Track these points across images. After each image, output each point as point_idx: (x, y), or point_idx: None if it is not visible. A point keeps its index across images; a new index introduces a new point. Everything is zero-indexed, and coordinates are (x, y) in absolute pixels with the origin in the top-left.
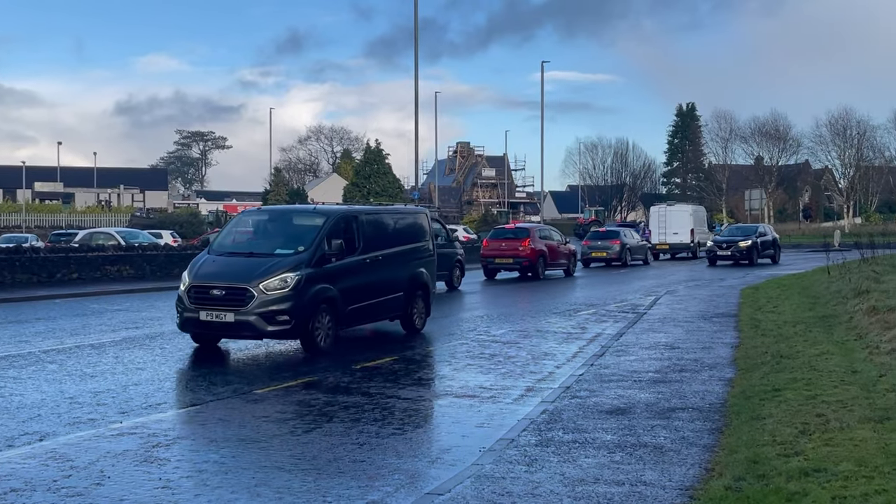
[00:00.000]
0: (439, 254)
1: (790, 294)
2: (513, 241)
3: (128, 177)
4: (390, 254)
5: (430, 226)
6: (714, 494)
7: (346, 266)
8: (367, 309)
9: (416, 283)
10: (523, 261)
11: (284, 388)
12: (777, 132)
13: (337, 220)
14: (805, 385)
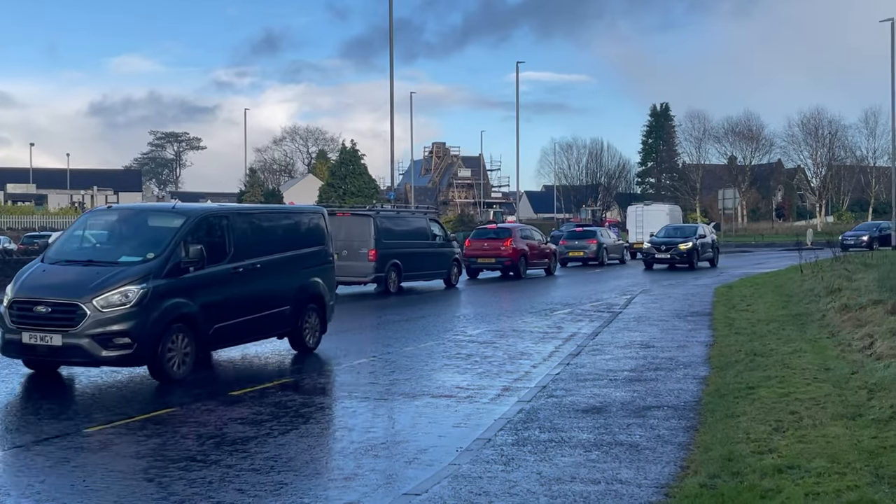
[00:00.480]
0: (438, 253)
1: (764, 293)
2: (495, 241)
3: (101, 178)
4: (273, 261)
5: (328, 227)
6: (689, 492)
7: (210, 276)
8: (239, 327)
9: (307, 295)
10: (505, 260)
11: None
12: (750, 132)
13: (199, 221)
14: (778, 383)
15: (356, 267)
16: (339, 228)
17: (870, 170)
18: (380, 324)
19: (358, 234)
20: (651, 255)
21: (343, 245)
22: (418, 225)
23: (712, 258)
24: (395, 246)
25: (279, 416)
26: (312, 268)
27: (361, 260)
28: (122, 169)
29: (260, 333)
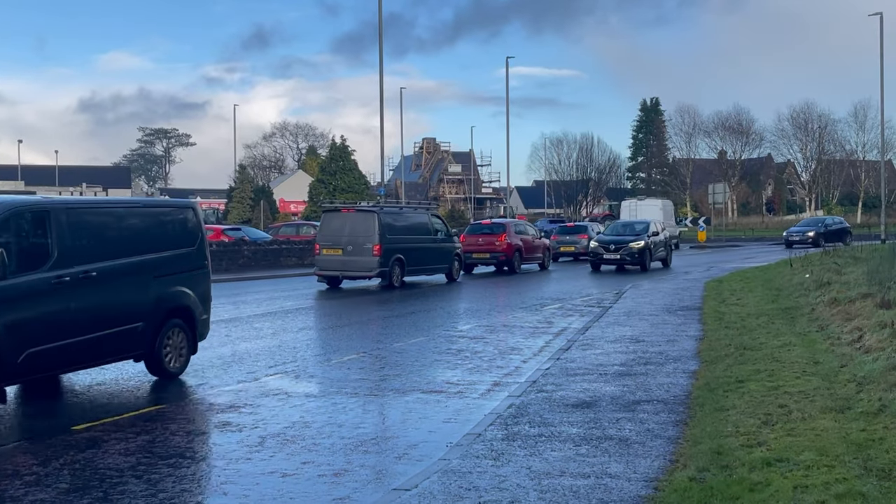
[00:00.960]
0: (440, 248)
1: (753, 287)
2: (489, 236)
3: (90, 175)
4: (116, 267)
5: (202, 225)
6: (678, 486)
7: (16, 288)
8: (64, 351)
9: (169, 308)
10: (500, 255)
11: None
12: (740, 126)
13: (6, 217)
14: (768, 376)
15: (361, 262)
16: (343, 224)
17: (859, 164)
18: (371, 319)
19: (362, 229)
20: (598, 256)
21: (348, 240)
22: (420, 220)
23: (665, 257)
24: (398, 241)
25: (268, 409)
26: (177, 275)
27: (366, 255)
28: (111, 166)
29: (97, 358)
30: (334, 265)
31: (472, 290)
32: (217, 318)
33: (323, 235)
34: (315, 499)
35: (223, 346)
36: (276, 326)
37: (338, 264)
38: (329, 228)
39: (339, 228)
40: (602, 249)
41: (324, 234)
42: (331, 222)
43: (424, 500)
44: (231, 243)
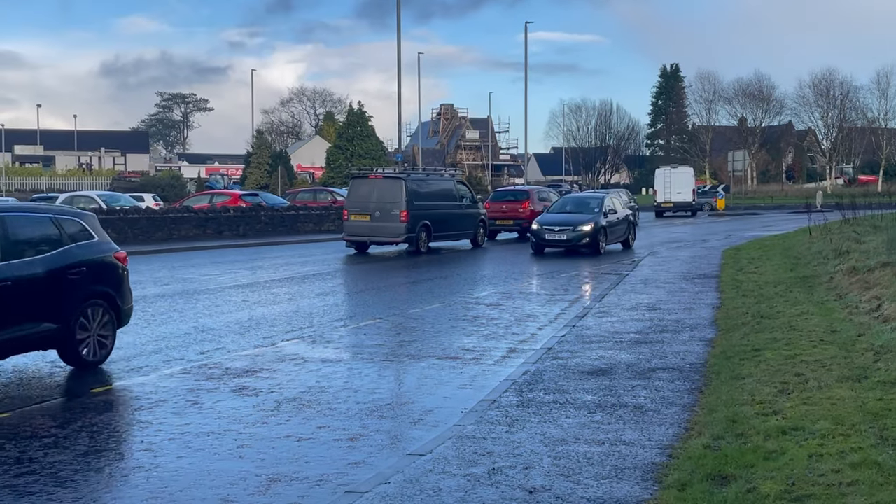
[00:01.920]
0: (466, 214)
1: (772, 255)
2: (513, 203)
3: (109, 140)
4: None
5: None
6: (693, 453)
7: None
8: None
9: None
10: (524, 222)
11: None
12: (761, 93)
13: None
14: (785, 345)
15: (388, 228)
16: (371, 191)
17: (881, 131)
18: (389, 286)
19: (390, 196)
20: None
21: (375, 207)
22: (446, 187)
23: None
24: (425, 207)
25: (284, 374)
26: None
27: (393, 221)
28: (129, 130)
29: None
30: (362, 231)
31: (494, 256)
32: (235, 284)
33: (351, 202)
34: (331, 463)
35: (240, 311)
36: (292, 292)
37: (366, 230)
38: (357, 195)
39: (366, 195)
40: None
41: (352, 200)
42: (359, 188)
43: (439, 466)
44: (249, 209)
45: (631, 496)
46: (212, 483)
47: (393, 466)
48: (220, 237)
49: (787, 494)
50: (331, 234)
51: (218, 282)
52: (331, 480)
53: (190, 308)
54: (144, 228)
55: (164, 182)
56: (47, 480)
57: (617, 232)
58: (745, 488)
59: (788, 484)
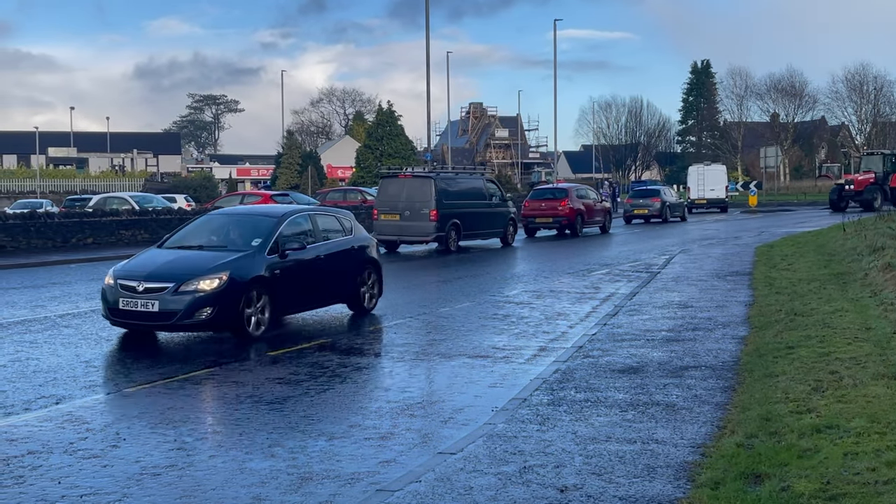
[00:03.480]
0: (495, 213)
1: (805, 252)
2: (552, 200)
3: (141, 141)
4: None
5: None
6: (726, 452)
7: None
8: None
9: None
10: (563, 220)
11: (298, 350)
12: (793, 88)
13: None
14: (819, 342)
15: (418, 227)
16: (400, 190)
17: None
18: (419, 284)
19: (419, 195)
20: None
21: (405, 206)
22: (476, 185)
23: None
24: (454, 206)
25: (316, 375)
26: None
27: (423, 220)
28: (161, 132)
29: None
30: (392, 230)
31: (525, 254)
32: None
33: (381, 201)
34: (362, 461)
35: None
36: None
37: (395, 229)
38: (387, 194)
39: (396, 194)
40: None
41: (382, 199)
42: (388, 188)
43: (470, 464)
44: None
45: (663, 495)
46: (244, 482)
47: (424, 465)
48: None
49: (822, 493)
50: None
51: None
52: (362, 479)
53: None
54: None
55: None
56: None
57: None
58: (780, 487)
59: (823, 482)
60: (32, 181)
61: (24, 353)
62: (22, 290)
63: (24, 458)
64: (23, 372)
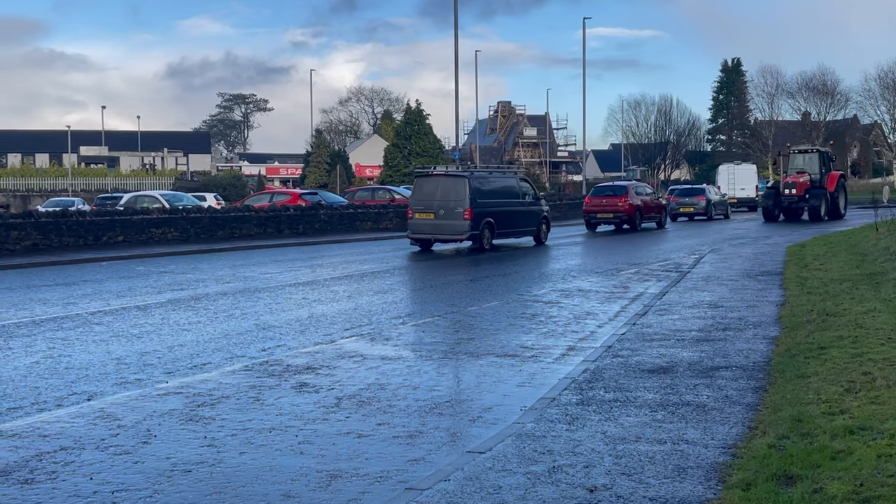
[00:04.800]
0: (529, 211)
1: (837, 251)
2: (612, 197)
3: (171, 140)
4: None
5: None
6: (757, 453)
7: None
8: None
9: None
10: (623, 215)
11: None
12: (825, 87)
13: None
14: (851, 343)
15: (453, 225)
16: (435, 189)
17: None
18: (447, 283)
19: (453, 194)
20: None
21: (440, 205)
22: (509, 184)
23: None
24: (488, 205)
25: (344, 371)
26: None
27: (457, 219)
28: (191, 131)
29: None
30: (427, 229)
31: (557, 253)
32: (295, 282)
33: (415, 200)
34: (391, 460)
35: (300, 308)
36: (351, 289)
37: (430, 228)
38: (421, 193)
39: (430, 193)
40: None
41: (416, 198)
42: (423, 187)
43: (499, 463)
44: (308, 207)
45: (694, 496)
46: (273, 478)
47: (453, 464)
48: (280, 236)
49: (856, 495)
50: (389, 232)
51: (278, 280)
52: (391, 477)
53: (251, 306)
54: (206, 227)
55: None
56: None
57: None
58: (812, 489)
59: (856, 485)
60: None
61: (56, 350)
62: (54, 288)
63: (56, 454)
64: (55, 368)
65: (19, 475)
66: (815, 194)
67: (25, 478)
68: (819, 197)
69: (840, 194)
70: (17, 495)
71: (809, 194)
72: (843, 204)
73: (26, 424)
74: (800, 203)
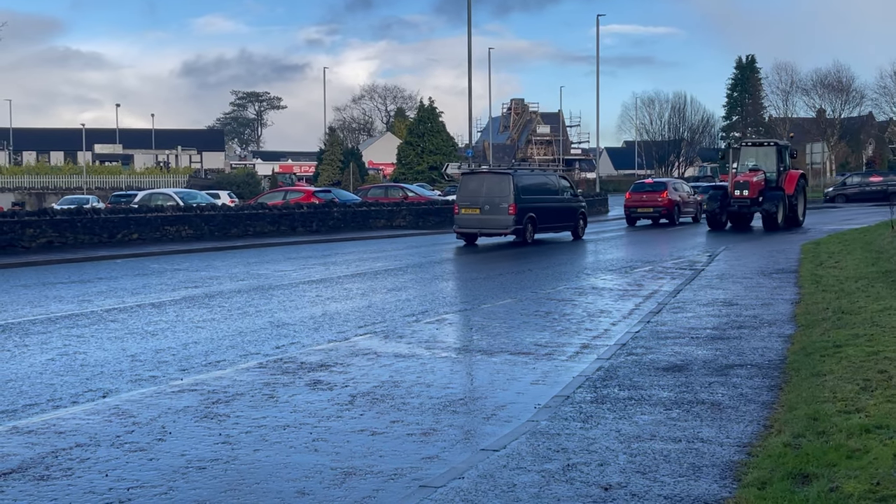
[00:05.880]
0: (568, 207)
1: (852, 249)
2: (652, 193)
3: (185, 138)
4: None
5: None
6: (773, 451)
7: None
8: None
9: None
10: (662, 210)
11: None
12: (840, 84)
13: None
14: (867, 341)
15: (498, 220)
16: (480, 186)
17: None
18: (463, 281)
19: (498, 190)
20: None
21: (485, 201)
22: (549, 181)
23: None
24: (530, 201)
25: (358, 368)
26: None
27: (502, 214)
28: (204, 129)
29: None
30: (472, 223)
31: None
32: (308, 279)
33: (461, 196)
34: (404, 457)
35: (314, 305)
36: (365, 287)
37: (476, 223)
38: (467, 190)
39: (476, 189)
40: None
41: (462, 195)
42: (468, 184)
43: (513, 461)
44: (321, 205)
45: (709, 494)
46: (288, 476)
47: (467, 461)
48: (293, 233)
49: (872, 494)
50: (402, 229)
51: (292, 277)
52: (405, 474)
53: (265, 303)
54: (220, 225)
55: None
56: None
57: None
58: (828, 487)
59: (873, 483)
60: (79, 177)
61: (71, 347)
62: (69, 285)
63: (72, 451)
64: (70, 366)
65: (35, 471)
66: (771, 197)
67: (41, 474)
68: (775, 200)
69: (799, 198)
70: (33, 491)
71: (764, 197)
72: (801, 209)
73: (42, 421)
74: (752, 207)
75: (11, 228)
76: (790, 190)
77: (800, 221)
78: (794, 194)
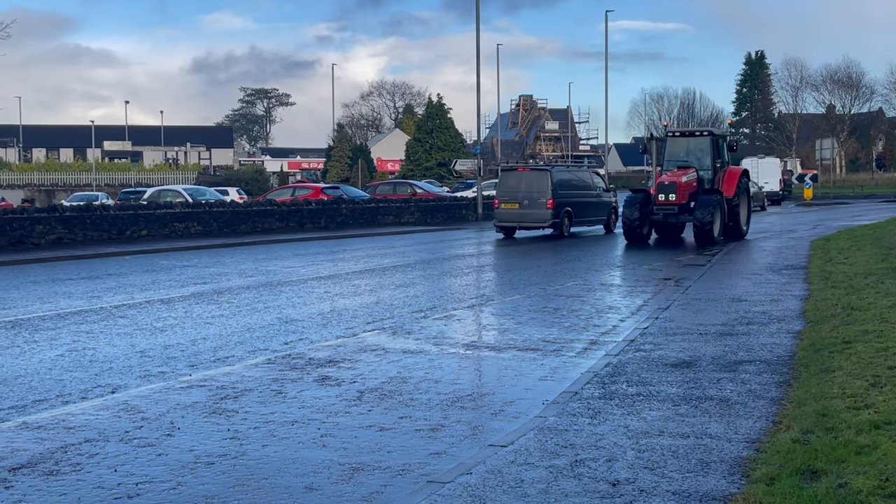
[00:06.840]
0: (601, 202)
1: (862, 245)
2: None
3: (194, 135)
4: None
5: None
6: (781, 447)
7: None
8: None
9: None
10: None
11: None
12: (849, 79)
13: None
14: (876, 337)
15: (536, 214)
16: (519, 181)
17: None
18: (472, 278)
19: (536, 186)
20: None
21: (524, 196)
22: (584, 177)
23: None
24: (567, 196)
25: (366, 364)
26: None
27: (541, 208)
28: (213, 126)
29: None
30: (512, 217)
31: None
32: (317, 276)
33: (501, 191)
34: (412, 453)
35: (322, 302)
36: (373, 283)
37: (515, 216)
38: (506, 185)
39: (515, 185)
40: None
41: (502, 190)
42: (508, 180)
43: (521, 457)
44: (330, 202)
45: (718, 490)
46: (296, 471)
47: (474, 457)
48: (302, 230)
49: (881, 490)
50: (410, 226)
51: (300, 274)
52: (413, 470)
53: (273, 299)
54: (229, 221)
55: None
56: None
57: None
58: (837, 483)
59: (882, 479)
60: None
61: (80, 343)
62: (78, 282)
63: (81, 446)
64: (79, 361)
65: (45, 467)
66: (705, 202)
67: (51, 469)
68: (710, 206)
69: (742, 201)
70: (42, 486)
71: (696, 202)
72: (744, 216)
73: (51, 417)
74: (681, 215)
75: (21, 225)
76: (729, 192)
77: (742, 231)
78: (735, 197)
